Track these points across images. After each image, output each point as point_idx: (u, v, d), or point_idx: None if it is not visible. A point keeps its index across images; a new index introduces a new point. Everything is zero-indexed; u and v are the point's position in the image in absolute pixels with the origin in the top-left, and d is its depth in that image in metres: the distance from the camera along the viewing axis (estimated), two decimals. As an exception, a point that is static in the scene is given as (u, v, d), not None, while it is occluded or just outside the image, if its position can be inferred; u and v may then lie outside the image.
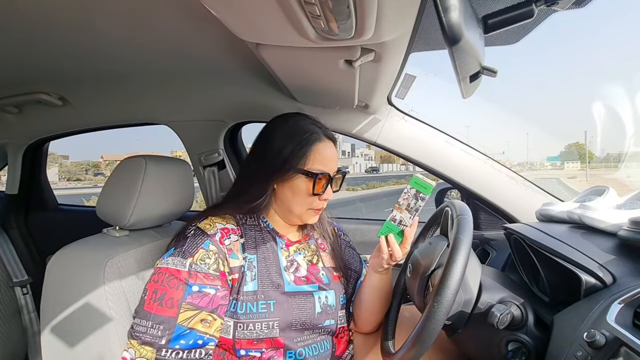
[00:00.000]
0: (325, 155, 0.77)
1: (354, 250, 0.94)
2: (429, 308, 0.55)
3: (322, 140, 0.78)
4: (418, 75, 0.96)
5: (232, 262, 0.71)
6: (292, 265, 0.79)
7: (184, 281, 0.66)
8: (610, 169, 32.66)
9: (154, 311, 0.65)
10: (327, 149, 0.78)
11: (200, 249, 0.69)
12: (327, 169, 0.77)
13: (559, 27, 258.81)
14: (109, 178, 0.86)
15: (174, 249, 0.70)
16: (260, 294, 0.71)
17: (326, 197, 0.79)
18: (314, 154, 0.76)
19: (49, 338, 0.73)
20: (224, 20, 0.54)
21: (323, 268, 0.83)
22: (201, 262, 0.68)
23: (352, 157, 57.39)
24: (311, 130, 0.78)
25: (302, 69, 0.77)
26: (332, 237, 0.90)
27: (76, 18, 0.68)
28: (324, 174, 0.76)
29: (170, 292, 0.65)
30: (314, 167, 0.76)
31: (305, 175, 0.75)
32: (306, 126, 0.78)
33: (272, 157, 0.76)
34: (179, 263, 0.67)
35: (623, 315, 0.50)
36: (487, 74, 0.46)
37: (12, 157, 1.48)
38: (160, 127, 1.30)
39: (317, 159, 0.76)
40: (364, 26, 0.49)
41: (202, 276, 0.67)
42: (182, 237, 0.72)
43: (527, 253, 0.74)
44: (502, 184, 1.10)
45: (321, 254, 0.86)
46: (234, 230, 0.75)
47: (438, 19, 0.32)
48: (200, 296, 0.66)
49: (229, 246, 0.71)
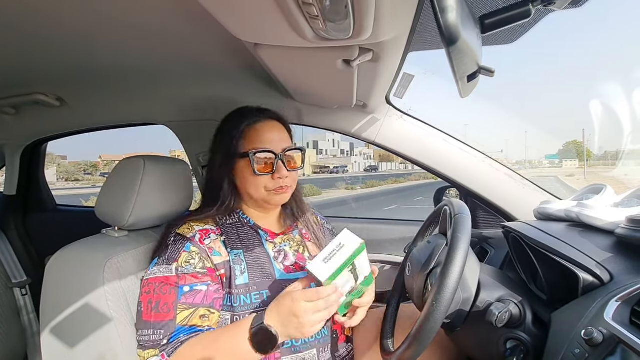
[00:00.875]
0: (262, 134, 0.78)
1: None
2: (427, 307, 0.56)
3: (258, 121, 0.80)
4: (416, 75, 0.96)
5: (215, 259, 0.73)
6: (280, 254, 0.80)
7: (174, 285, 0.68)
8: (608, 166, 32.76)
9: (153, 319, 0.67)
10: (264, 127, 0.79)
11: (182, 252, 0.71)
12: (268, 146, 0.77)
13: (557, 23, 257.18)
14: (107, 179, 0.86)
15: (158, 259, 0.72)
16: (252, 285, 0.73)
17: (280, 176, 0.78)
18: (248, 135, 0.78)
19: (49, 339, 0.73)
20: (221, 20, 0.54)
21: (310, 257, 0.84)
22: (186, 264, 0.70)
23: (351, 156, 57.40)
24: (245, 116, 0.80)
25: (300, 68, 0.77)
26: (316, 225, 0.91)
27: (73, 19, 0.68)
28: (262, 151, 0.76)
29: (164, 298, 0.68)
30: (250, 148, 0.77)
31: (241, 157, 0.77)
32: (239, 116, 0.81)
33: (216, 153, 0.81)
34: (165, 270, 0.70)
35: (620, 313, 0.51)
36: (485, 74, 0.46)
37: (10, 157, 1.48)
38: (159, 127, 1.30)
39: (252, 140, 0.78)
40: (361, 26, 0.49)
41: (190, 276, 0.69)
42: (163, 246, 0.75)
43: (525, 251, 0.74)
44: (500, 182, 1.11)
45: (307, 244, 0.87)
46: (213, 231, 0.77)
47: (435, 19, 0.32)
48: (193, 294, 0.68)
49: (209, 245, 0.73)
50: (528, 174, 5.06)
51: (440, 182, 1.21)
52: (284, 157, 0.78)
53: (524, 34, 0.73)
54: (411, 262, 0.75)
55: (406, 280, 0.77)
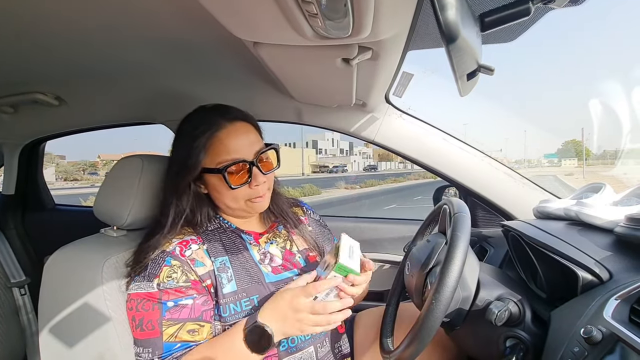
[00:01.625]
0: (228, 143, 0.70)
1: (323, 227, 0.94)
2: (427, 305, 0.56)
3: (221, 127, 0.71)
4: (416, 73, 0.96)
5: (199, 270, 0.69)
6: (266, 257, 0.78)
7: (156, 301, 0.65)
8: (607, 165, 32.82)
9: (139, 337, 0.66)
10: (229, 134, 0.71)
11: (163, 267, 0.67)
12: (238, 155, 0.70)
13: (557, 21, 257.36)
14: (105, 178, 0.86)
15: (137, 275, 0.69)
16: (241, 292, 0.70)
17: (257, 183, 0.72)
18: (212, 147, 0.70)
19: (47, 338, 0.73)
20: (220, 19, 0.54)
21: (298, 252, 0.83)
22: (168, 278, 0.66)
23: (350, 156, 57.43)
24: (204, 122, 0.72)
25: (300, 67, 0.77)
26: (296, 218, 0.88)
27: (72, 18, 0.68)
28: (234, 162, 0.70)
29: (147, 315, 0.65)
30: (219, 160, 0.70)
31: (211, 173, 0.70)
32: (199, 120, 0.73)
33: (173, 163, 0.74)
34: (146, 286, 0.67)
35: (619, 311, 0.51)
36: (484, 72, 0.46)
37: (8, 157, 1.48)
38: (158, 125, 1.29)
39: (218, 152, 0.70)
40: (360, 25, 0.49)
41: (173, 291, 0.66)
42: (143, 261, 0.69)
43: (525, 250, 0.74)
44: (499, 181, 1.11)
45: (293, 237, 0.84)
46: (193, 240, 0.72)
47: (435, 17, 0.32)
48: (178, 310, 0.65)
49: (190, 256, 0.69)
50: (527, 172, 5.09)
51: (440, 181, 1.21)
52: (258, 161, 0.72)
53: (523, 32, 0.73)
54: (410, 261, 0.75)
55: (405, 279, 0.77)
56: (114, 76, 1.05)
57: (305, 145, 51.95)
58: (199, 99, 1.17)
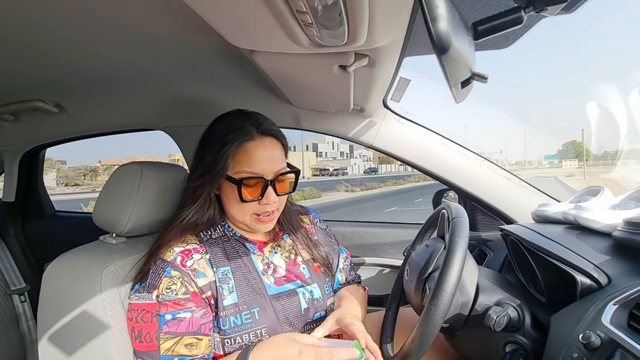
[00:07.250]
0: (254, 156, 0.69)
1: (329, 237, 0.92)
2: (426, 311, 0.56)
3: (250, 139, 0.70)
4: (413, 79, 0.97)
5: (200, 281, 0.68)
6: (269, 268, 0.76)
7: (155, 313, 0.65)
8: (607, 166, 32.76)
9: (137, 349, 0.66)
10: (257, 148, 0.70)
11: (163, 278, 0.66)
12: (258, 170, 0.69)
13: (554, 24, 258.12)
14: (105, 185, 0.86)
15: (139, 285, 0.68)
16: (242, 304, 0.69)
17: (268, 202, 0.71)
18: (238, 155, 0.69)
19: (46, 346, 0.73)
20: (217, 28, 0.54)
21: (303, 262, 0.81)
22: (167, 290, 0.65)
23: (351, 159, 57.45)
24: (236, 129, 0.70)
25: (297, 74, 0.77)
26: (302, 228, 0.86)
27: (71, 25, 0.68)
28: (253, 177, 0.69)
29: (145, 327, 0.65)
30: (239, 170, 0.69)
31: (229, 181, 0.70)
32: (232, 125, 0.71)
33: (199, 164, 0.73)
34: (146, 297, 0.66)
35: (618, 316, 0.51)
36: (478, 80, 0.46)
37: (9, 164, 1.48)
38: (158, 131, 1.30)
39: (241, 162, 0.69)
40: (356, 33, 0.49)
41: (172, 303, 0.65)
42: (145, 271, 0.69)
43: (524, 254, 0.74)
44: (498, 185, 1.11)
45: (298, 247, 0.83)
46: (196, 249, 0.71)
47: (427, 28, 0.32)
48: (176, 323, 0.65)
49: (192, 267, 0.68)
50: (527, 174, 5.02)
51: (440, 184, 1.21)
52: (275, 181, 0.71)
53: (517, 39, 0.73)
54: (409, 266, 0.75)
55: (405, 284, 0.77)
56: (114, 84, 1.06)
57: (305, 148, 52.02)
58: (198, 105, 1.18)
